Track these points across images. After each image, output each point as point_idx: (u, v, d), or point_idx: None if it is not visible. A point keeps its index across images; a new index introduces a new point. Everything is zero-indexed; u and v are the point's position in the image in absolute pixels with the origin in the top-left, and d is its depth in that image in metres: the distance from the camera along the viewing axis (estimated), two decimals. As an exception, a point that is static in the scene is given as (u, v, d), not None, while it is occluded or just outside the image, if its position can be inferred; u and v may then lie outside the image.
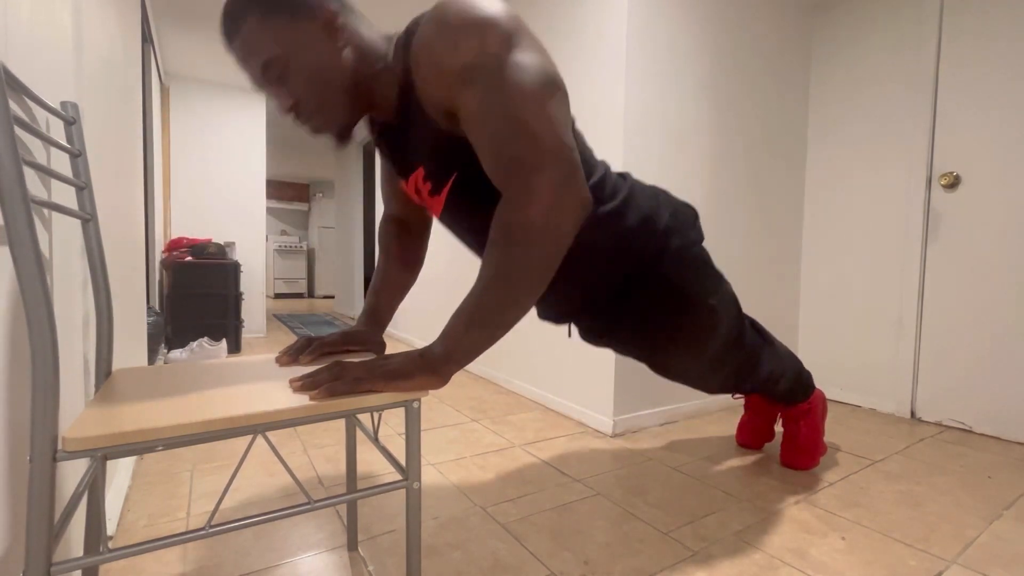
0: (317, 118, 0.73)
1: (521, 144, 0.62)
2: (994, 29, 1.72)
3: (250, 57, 0.69)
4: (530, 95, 0.63)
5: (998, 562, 0.97)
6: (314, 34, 0.69)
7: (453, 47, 0.64)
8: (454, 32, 0.64)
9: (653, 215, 0.91)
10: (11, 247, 0.46)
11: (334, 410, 0.59)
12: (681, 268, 0.94)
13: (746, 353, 1.15)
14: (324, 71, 0.70)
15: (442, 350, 0.65)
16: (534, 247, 0.62)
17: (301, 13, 0.68)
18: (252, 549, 0.98)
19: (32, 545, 0.45)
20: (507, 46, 0.64)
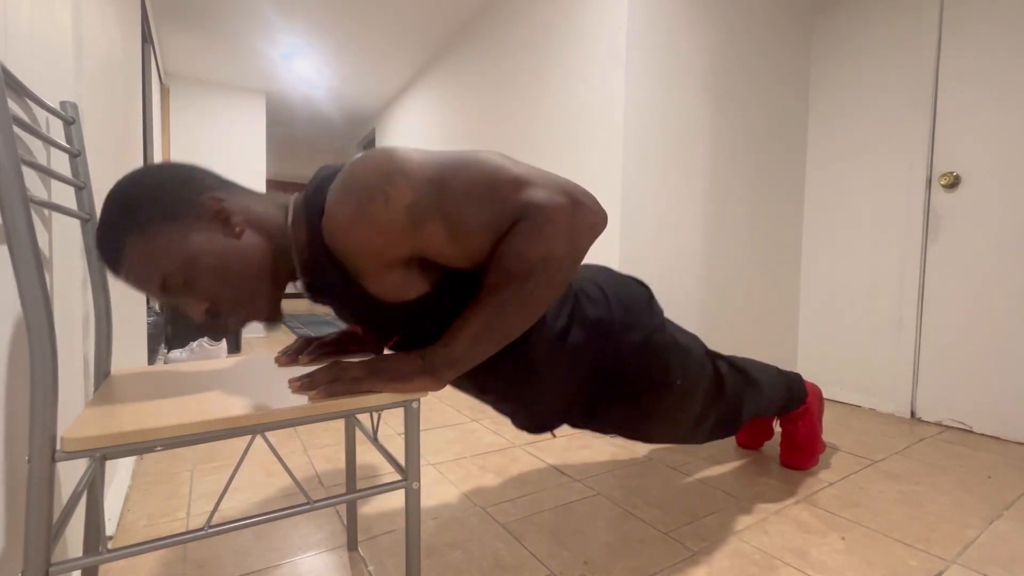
0: (239, 312, 0.67)
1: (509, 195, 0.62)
2: (994, 29, 1.72)
3: (143, 280, 0.61)
4: (477, 165, 0.63)
5: (998, 562, 0.97)
6: (205, 230, 0.62)
7: (385, 204, 0.60)
8: (377, 191, 0.60)
9: (605, 318, 0.88)
10: (10, 247, 0.46)
11: (333, 410, 0.59)
12: (641, 363, 0.92)
13: (727, 401, 1.13)
14: (230, 264, 0.63)
15: (443, 356, 0.65)
16: (553, 273, 0.63)
17: (182, 215, 0.61)
18: (252, 549, 0.97)
19: (31, 545, 0.45)
20: (430, 166, 0.62)
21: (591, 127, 1.78)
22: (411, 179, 0.61)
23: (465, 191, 0.62)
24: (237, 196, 0.66)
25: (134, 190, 0.60)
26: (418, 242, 0.63)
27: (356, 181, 0.61)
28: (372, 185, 0.60)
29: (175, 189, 0.61)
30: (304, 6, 2.58)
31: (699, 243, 1.87)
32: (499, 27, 2.41)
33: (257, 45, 3.06)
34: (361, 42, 2.99)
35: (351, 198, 0.61)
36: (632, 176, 1.67)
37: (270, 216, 0.68)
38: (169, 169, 0.63)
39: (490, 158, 0.64)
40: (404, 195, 0.60)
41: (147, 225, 0.59)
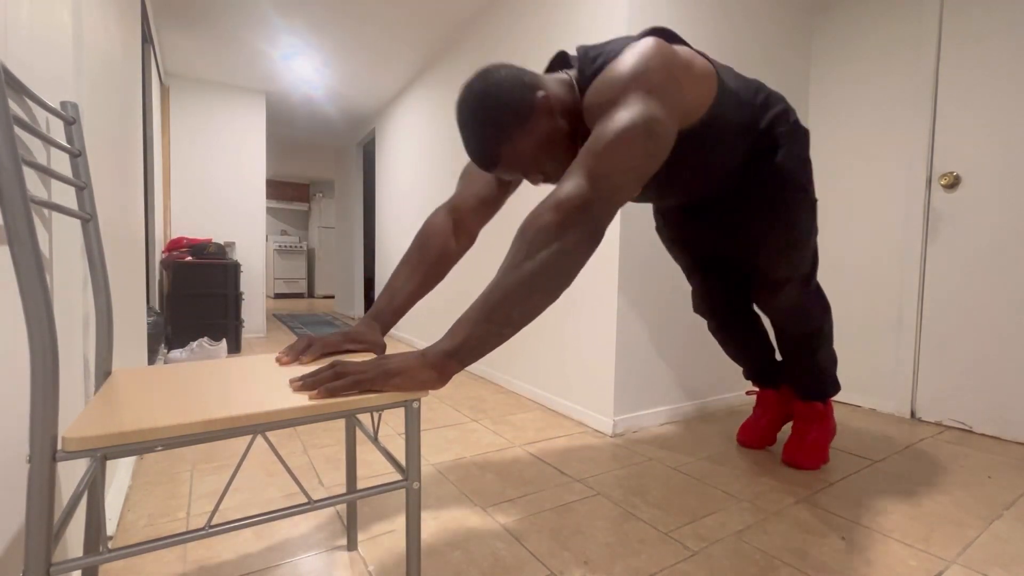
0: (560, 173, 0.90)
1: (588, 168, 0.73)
2: (994, 29, 1.72)
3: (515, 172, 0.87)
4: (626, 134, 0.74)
5: (998, 562, 0.97)
6: (544, 123, 0.84)
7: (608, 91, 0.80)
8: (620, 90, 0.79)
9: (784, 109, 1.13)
10: (11, 247, 0.46)
11: (334, 410, 0.59)
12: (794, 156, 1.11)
13: (813, 288, 1.31)
14: (561, 147, 0.87)
15: (445, 347, 0.65)
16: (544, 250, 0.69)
17: (529, 117, 0.82)
18: (252, 549, 0.98)
19: (31, 545, 0.45)
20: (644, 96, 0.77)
21: (591, 127, 1.78)
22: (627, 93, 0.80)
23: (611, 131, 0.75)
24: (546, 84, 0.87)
25: (489, 107, 0.81)
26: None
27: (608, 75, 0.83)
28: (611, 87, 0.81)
29: (516, 96, 0.82)
30: (304, 6, 2.58)
31: (699, 243, 1.87)
32: (499, 26, 2.41)
33: (257, 45, 3.06)
34: (361, 42, 2.99)
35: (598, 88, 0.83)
36: (632, 176, 1.67)
37: (569, 99, 0.89)
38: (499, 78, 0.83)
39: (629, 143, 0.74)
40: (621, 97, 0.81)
41: (512, 133, 0.82)
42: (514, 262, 0.68)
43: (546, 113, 0.84)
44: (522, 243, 0.69)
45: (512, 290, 0.67)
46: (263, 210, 3.79)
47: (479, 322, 0.66)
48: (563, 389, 1.92)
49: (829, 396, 1.41)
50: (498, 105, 0.80)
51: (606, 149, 0.73)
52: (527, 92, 0.82)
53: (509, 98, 0.81)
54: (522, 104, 0.81)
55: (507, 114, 0.81)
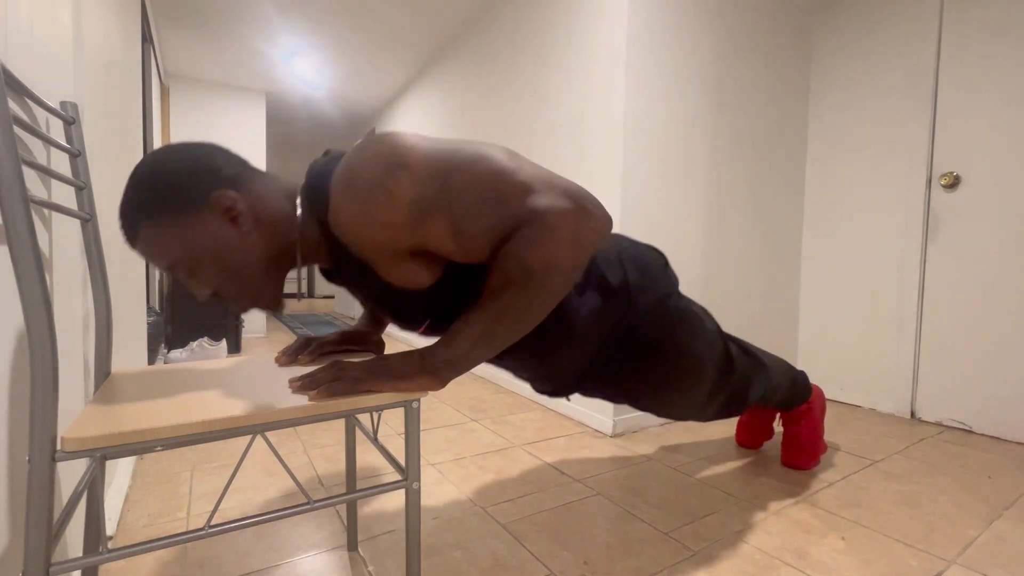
0: (242, 301, 0.69)
1: (512, 200, 0.61)
2: (994, 29, 1.71)
3: (154, 260, 0.65)
4: (481, 166, 0.62)
5: (998, 562, 0.97)
6: (213, 226, 0.64)
7: (387, 200, 0.60)
8: (378, 188, 0.60)
9: (621, 281, 0.89)
10: (10, 247, 0.46)
11: (333, 410, 0.59)
12: (656, 327, 0.93)
13: (737, 380, 1.14)
14: (233, 260, 0.65)
15: (444, 356, 0.64)
16: (557, 281, 0.62)
17: (194, 208, 0.62)
18: (252, 549, 0.97)
19: (31, 545, 0.45)
20: (431, 159, 0.62)
21: (591, 126, 1.78)
22: (413, 173, 0.61)
23: (469, 190, 0.61)
24: (250, 187, 0.67)
25: (152, 176, 0.62)
26: (420, 237, 0.63)
27: (358, 175, 0.61)
28: (374, 180, 0.60)
29: (190, 180, 0.63)
30: (304, 5, 2.58)
31: (699, 243, 1.87)
32: (499, 26, 2.41)
33: (257, 45, 3.06)
34: (361, 42, 2.99)
35: (353, 194, 0.61)
36: (632, 175, 1.67)
37: (279, 210, 0.69)
38: (188, 154, 0.65)
39: (496, 157, 0.63)
40: (406, 190, 0.60)
41: (160, 215, 0.62)
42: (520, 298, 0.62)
43: (221, 216, 0.64)
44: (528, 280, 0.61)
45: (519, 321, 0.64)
46: (263, 210, 3.79)
47: (480, 344, 0.64)
48: (563, 389, 1.91)
49: (803, 403, 1.39)
50: (161, 180, 0.62)
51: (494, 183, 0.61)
52: (203, 184, 0.63)
53: (176, 179, 0.62)
54: (188, 192, 0.62)
55: (165, 194, 0.62)
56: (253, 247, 0.66)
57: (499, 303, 0.63)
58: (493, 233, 0.62)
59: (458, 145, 0.64)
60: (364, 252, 0.65)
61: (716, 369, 1.06)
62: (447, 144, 0.64)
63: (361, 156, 0.62)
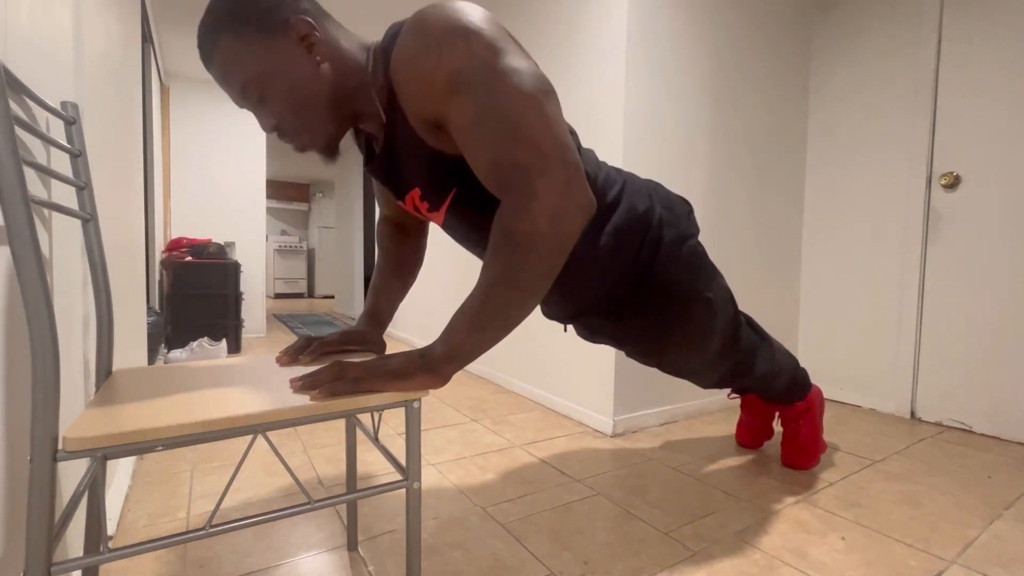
0: (301, 136, 0.72)
1: (520, 149, 0.61)
2: (994, 29, 1.72)
3: (229, 78, 0.67)
4: (525, 98, 0.62)
5: (998, 562, 0.97)
6: (290, 50, 0.66)
7: (437, 56, 0.62)
8: (437, 40, 0.62)
9: (647, 209, 0.90)
10: (11, 247, 0.46)
11: (334, 410, 0.59)
12: (676, 263, 0.94)
13: (743, 350, 1.14)
14: (303, 89, 0.67)
15: (443, 350, 0.64)
16: (539, 252, 0.62)
17: (275, 29, 0.65)
18: (252, 549, 0.98)
19: (32, 545, 0.45)
20: (493, 51, 0.62)
21: (591, 127, 1.78)
22: (469, 49, 0.62)
23: (504, 109, 0.61)
24: (329, 25, 0.70)
25: None
26: (444, 108, 0.64)
27: (423, 25, 0.63)
28: (433, 35, 0.62)
29: (273, 2, 0.65)
30: (304, 6, 2.58)
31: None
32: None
33: (257, 45, 3.06)
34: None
35: (413, 40, 0.64)
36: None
37: (352, 54, 0.71)
38: None
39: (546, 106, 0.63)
40: (454, 59, 0.62)
41: (241, 31, 0.64)
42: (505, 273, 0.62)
43: (299, 42, 0.66)
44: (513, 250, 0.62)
45: (508, 298, 0.63)
46: (263, 210, 3.79)
47: (474, 330, 0.64)
48: (563, 389, 1.92)
49: (803, 398, 1.39)
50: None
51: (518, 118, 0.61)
52: (286, 6, 0.66)
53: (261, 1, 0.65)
54: (270, 13, 0.65)
55: (248, 11, 0.64)
56: (323, 79, 0.68)
57: (485, 280, 0.63)
58: (488, 158, 0.63)
59: (522, 63, 0.64)
60: (407, 101, 0.67)
61: (725, 327, 1.06)
62: (517, 56, 0.64)
63: (438, 9, 0.64)
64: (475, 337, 0.64)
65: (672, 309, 0.96)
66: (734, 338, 1.11)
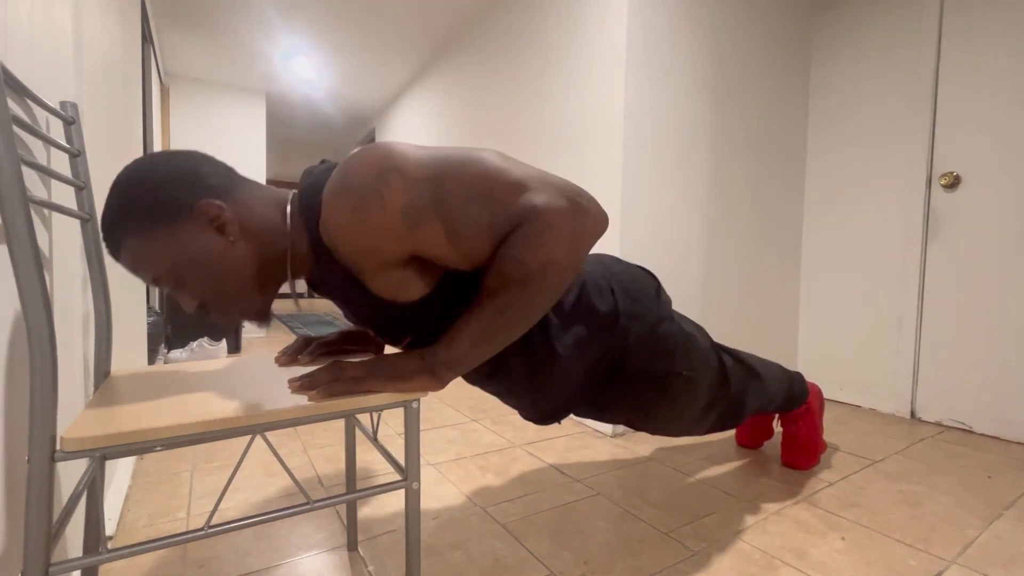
0: (229, 313, 0.68)
1: (508, 200, 0.61)
2: (994, 29, 1.71)
3: (139, 273, 0.63)
4: (474, 167, 0.61)
5: (998, 562, 0.97)
6: (200, 236, 0.62)
7: (380, 205, 0.59)
8: (372, 191, 0.59)
9: (609, 310, 0.86)
10: (10, 247, 0.46)
11: (333, 410, 0.59)
12: (648, 354, 0.91)
13: (733, 394, 1.12)
14: (220, 271, 0.64)
15: (445, 356, 0.64)
16: (554, 279, 0.62)
17: (179, 217, 0.61)
18: (252, 549, 0.97)
19: (30, 545, 0.45)
20: (424, 165, 0.61)
21: (592, 126, 1.78)
22: (407, 178, 0.60)
23: (463, 193, 0.61)
24: (237, 196, 0.65)
25: (134, 188, 0.60)
26: (414, 242, 0.62)
27: (351, 180, 0.60)
28: (367, 185, 0.59)
29: (173, 190, 0.61)
30: (304, 6, 2.58)
31: (699, 243, 1.87)
32: (499, 27, 2.41)
33: (257, 45, 3.06)
34: (361, 42, 2.99)
35: (346, 199, 0.60)
36: (632, 176, 1.67)
37: (268, 219, 0.67)
38: (172, 163, 0.62)
39: (489, 158, 0.63)
40: (399, 195, 0.60)
41: (142, 227, 0.60)
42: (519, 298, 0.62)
43: (207, 226, 0.62)
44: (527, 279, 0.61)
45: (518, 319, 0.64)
46: (263, 210, 3.79)
47: (480, 342, 0.64)
48: (563, 389, 1.91)
49: (800, 406, 1.38)
50: (144, 190, 0.60)
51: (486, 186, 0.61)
52: (188, 192, 0.61)
53: (160, 189, 0.60)
54: (172, 202, 0.60)
55: (148, 204, 0.60)
56: (240, 257, 0.65)
57: (498, 302, 0.63)
58: (489, 233, 0.62)
59: (449, 151, 0.64)
60: (354, 259, 0.64)
61: (710, 387, 1.05)
62: (439, 150, 0.64)
63: (354, 162, 0.61)
64: (479, 349, 0.65)
65: (650, 394, 0.95)
66: (722, 389, 1.09)
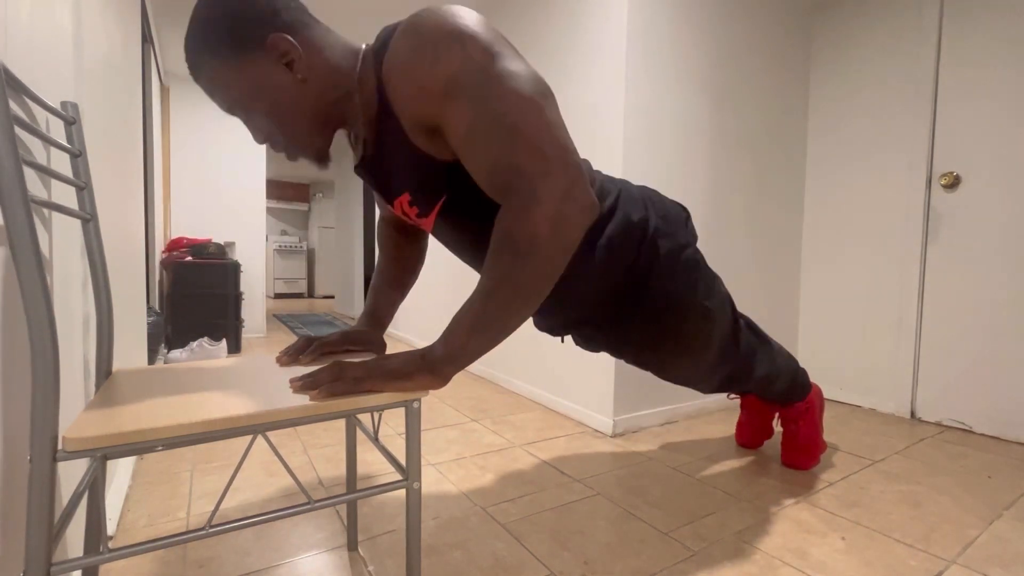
0: (291, 147, 0.73)
1: (520, 153, 0.60)
2: (994, 29, 1.72)
3: (215, 97, 0.69)
4: (523, 101, 0.61)
5: (998, 562, 0.97)
6: (269, 70, 0.66)
7: (432, 61, 0.61)
8: (432, 45, 0.61)
9: (642, 219, 0.89)
10: (11, 247, 0.46)
11: (334, 410, 0.59)
12: (673, 274, 0.93)
13: (742, 353, 1.14)
14: (285, 106, 0.68)
15: (444, 352, 0.64)
16: (540, 256, 0.61)
17: (252, 49, 0.64)
18: (252, 549, 0.98)
19: (32, 545, 0.45)
20: (489, 55, 0.62)
21: (591, 126, 1.78)
22: (466, 53, 0.61)
23: (500, 111, 0.61)
24: (309, 33, 0.68)
25: (212, 13, 0.64)
26: (441, 114, 0.63)
27: (418, 28, 0.62)
28: (429, 38, 0.61)
29: (247, 22, 0.64)
30: (303, 5, 2.58)
31: (699, 243, 1.87)
32: (499, 26, 2.41)
33: (257, 45, 3.06)
34: (361, 40, 2.99)
35: (407, 42, 0.63)
36: (632, 176, 1.67)
37: (336, 64, 0.70)
38: None
39: (541, 105, 0.62)
40: (451, 63, 0.61)
41: (219, 51, 0.64)
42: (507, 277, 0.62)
43: (278, 60, 0.66)
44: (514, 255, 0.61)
45: (509, 302, 0.63)
46: (263, 210, 3.79)
47: (475, 332, 0.64)
48: (563, 389, 1.92)
49: (802, 398, 1.39)
50: (219, 19, 0.63)
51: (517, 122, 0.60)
52: (261, 26, 0.64)
53: (234, 21, 0.64)
54: (245, 34, 0.64)
55: (222, 33, 0.64)
56: (306, 95, 0.68)
57: (486, 283, 0.63)
58: (488, 163, 0.62)
59: (521, 67, 0.63)
60: (399, 106, 0.66)
61: (724, 333, 1.05)
62: (510, 54, 0.64)
63: (431, 14, 0.63)
64: (475, 339, 0.64)
65: (669, 319, 0.96)
66: (733, 343, 1.10)
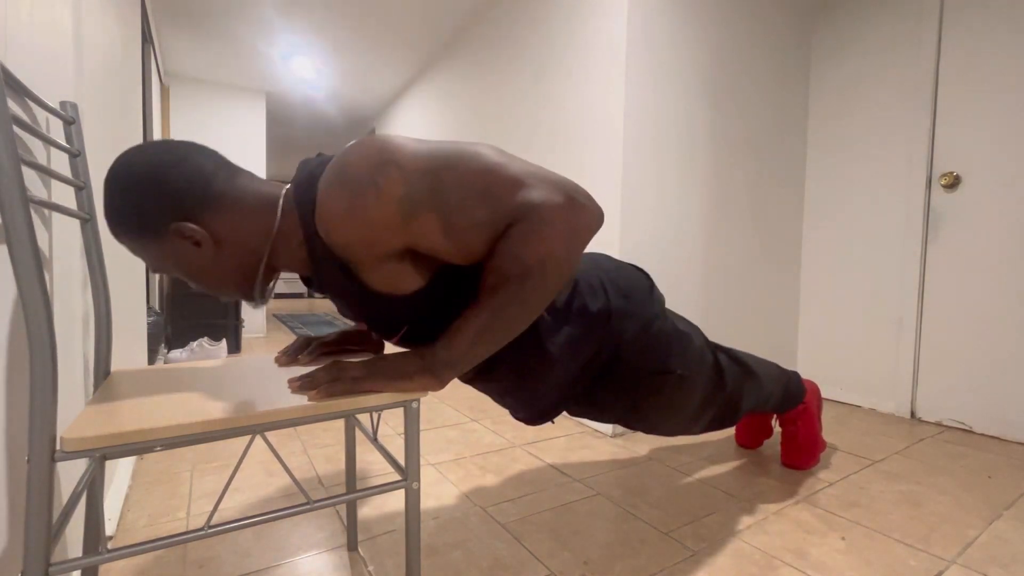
0: (222, 296, 0.73)
1: (504, 195, 0.61)
2: (994, 29, 1.71)
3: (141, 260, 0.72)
4: (474, 164, 0.62)
5: (998, 562, 0.97)
6: (176, 249, 0.65)
7: (376, 195, 0.59)
8: (369, 182, 0.59)
9: (601, 309, 0.86)
10: (10, 247, 0.46)
11: (333, 410, 0.59)
12: (643, 351, 0.91)
13: (729, 392, 1.12)
14: (202, 272, 0.68)
15: (445, 356, 0.64)
16: (552, 274, 0.62)
17: (155, 235, 0.64)
18: (252, 549, 0.97)
19: (31, 545, 0.45)
20: (420, 157, 0.61)
21: (591, 126, 1.78)
22: (404, 169, 0.60)
23: (460, 186, 0.61)
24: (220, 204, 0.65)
25: (116, 196, 0.63)
26: (410, 235, 0.62)
27: (347, 172, 0.60)
28: (363, 176, 0.60)
29: (151, 211, 0.63)
30: (304, 6, 2.58)
31: (699, 243, 1.87)
32: (499, 27, 2.41)
33: (257, 45, 3.06)
34: (361, 42, 2.99)
35: (342, 190, 0.60)
36: (632, 175, 1.67)
37: (250, 227, 0.67)
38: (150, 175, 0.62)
39: (486, 153, 0.63)
40: (396, 187, 0.60)
41: (128, 233, 0.65)
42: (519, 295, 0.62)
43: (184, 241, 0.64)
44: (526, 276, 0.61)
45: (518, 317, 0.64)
46: (263, 210, 3.78)
47: (479, 342, 0.64)
48: (563, 389, 1.91)
49: (796, 406, 1.38)
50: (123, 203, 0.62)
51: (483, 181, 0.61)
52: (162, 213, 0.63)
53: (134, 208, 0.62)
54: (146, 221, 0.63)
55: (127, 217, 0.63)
56: (221, 264, 0.67)
57: (497, 300, 0.63)
58: (486, 228, 0.62)
59: (446, 145, 0.64)
60: (349, 252, 0.64)
61: (705, 387, 1.04)
62: (436, 144, 0.64)
63: (351, 154, 0.61)
64: (478, 348, 0.64)
65: (643, 393, 0.94)
66: (718, 387, 1.09)
